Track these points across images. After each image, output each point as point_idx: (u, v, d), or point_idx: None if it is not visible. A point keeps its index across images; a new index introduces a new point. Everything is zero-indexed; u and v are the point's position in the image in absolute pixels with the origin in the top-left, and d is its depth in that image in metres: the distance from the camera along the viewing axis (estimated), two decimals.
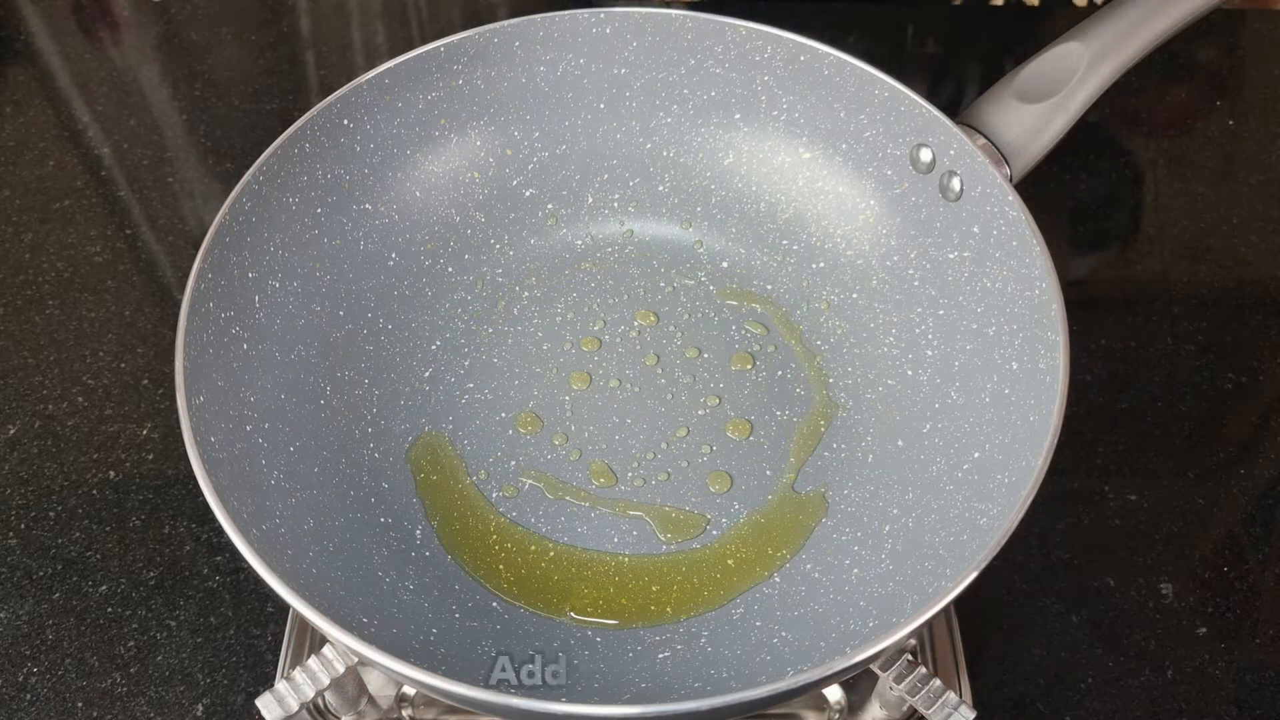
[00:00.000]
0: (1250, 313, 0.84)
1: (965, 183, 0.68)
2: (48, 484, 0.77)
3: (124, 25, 1.06)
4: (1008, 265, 0.66)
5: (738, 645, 0.63)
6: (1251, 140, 0.96)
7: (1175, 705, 0.67)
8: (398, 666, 0.51)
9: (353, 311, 0.74)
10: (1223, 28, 1.04)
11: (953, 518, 0.62)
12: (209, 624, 0.70)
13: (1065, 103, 0.67)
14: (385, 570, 0.66)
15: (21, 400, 0.81)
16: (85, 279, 0.87)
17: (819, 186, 0.78)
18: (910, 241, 0.74)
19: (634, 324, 0.78)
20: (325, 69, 1.03)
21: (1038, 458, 0.56)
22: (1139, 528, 0.74)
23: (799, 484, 0.71)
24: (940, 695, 0.56)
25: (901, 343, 0.73)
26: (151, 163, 0.95)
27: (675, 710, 0.49)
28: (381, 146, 0.74)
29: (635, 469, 0.71)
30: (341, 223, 0.73)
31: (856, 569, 0.65)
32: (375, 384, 0.74)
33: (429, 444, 0.72)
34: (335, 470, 0.68)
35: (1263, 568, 0.72)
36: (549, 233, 0.80)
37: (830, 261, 0.77)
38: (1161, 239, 0.89)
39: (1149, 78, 0.99)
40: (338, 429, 0.70)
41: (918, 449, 0.68)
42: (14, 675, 0.69)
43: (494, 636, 0.64)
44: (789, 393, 0.75)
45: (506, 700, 0.50)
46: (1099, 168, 0.94)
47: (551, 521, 0.69)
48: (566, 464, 0.71)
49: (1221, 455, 0.77)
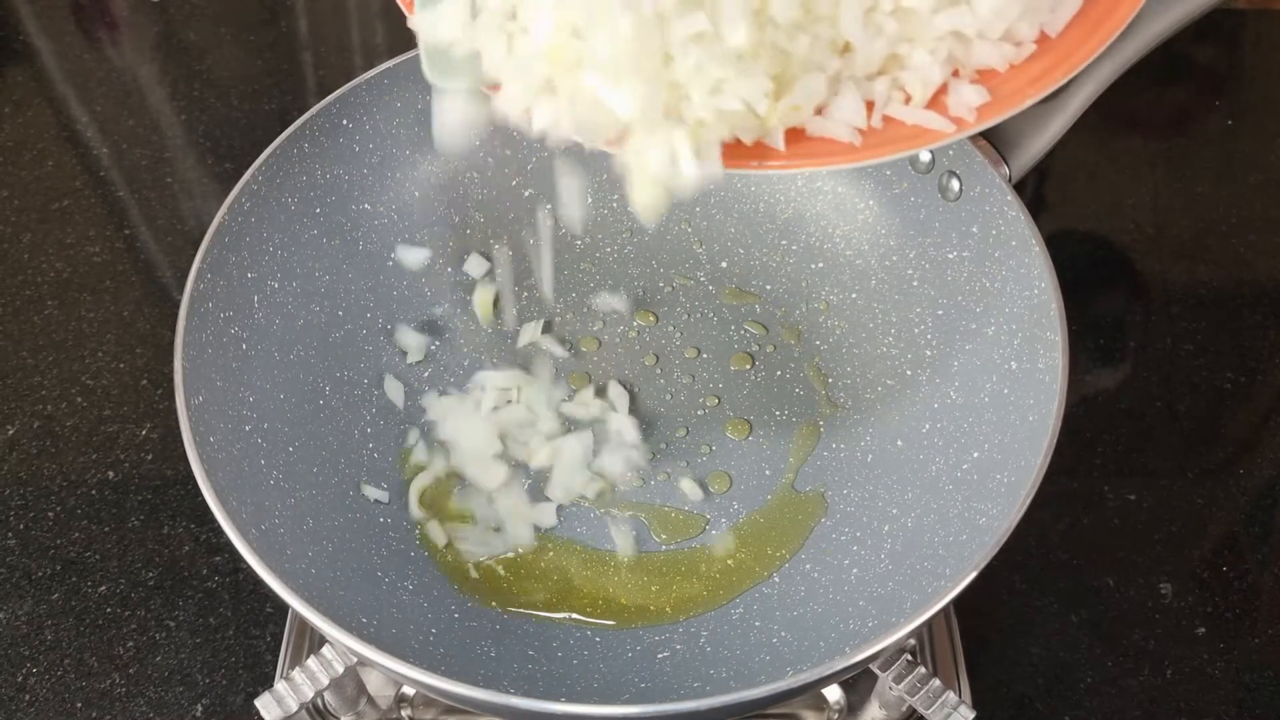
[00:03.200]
0: (1249, 313, 0.84)
1: (964, 183, 0.68)
2: (47, 484, 0.77)
3: (123, 25, 1.06)
4: (1007, 265, 0.66)
5: (737, 645, 0.63)
6: (1250, 140, 0.96)
7: (1174, 705, 0.67)
8: (397, 666, 0.51)
9: (352, 311, 0.74)
10: (1222, 28, 1.04)
11: (952, 517, 0.62)
12: (208, 624, 0.70)
13: (1064, 103, 0.67)
14: (385, 570, 0.66)
15: (20, 400, 0.80)
16: (84, 279, 0.87)
17: (818, 186, 0.78)
18: (909, 241, 0.74)
19: (634, 324, 0.78)
20: (324, 69, 1.03)
21: (1037, 457, 0.57)
22: (1138, 528, 0.74)
23: (798, 484, 0.71)
24: (940, 695, 0.56)
25: (900, 343, 0.73)
26: (150, 163, 0.95)
27: (675, 710, 0.49)
28: (381, 146, 0.74)
29: (634, 469, 0.71)
30: (341, 223, 0.73)
31: (856, 569, 0.65)
32: (375, 384, 0.73)
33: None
34: (334, 470, 0.68)
35: (1261, 568, 0.72)
36: (549, 232, 0.80)
37: (829, 261, 0.77)
38: (1161, 239, 0.89)
39: (1148, 78, 0.99)
40: (337, 429, 0.70)
41: (917, 449, 0.68)
42: (13, 675, 0.69)
43: (493, 636, 0.64)
44: (788, 393, 0.75)
45: (506, 700, 0.50)
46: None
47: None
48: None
49: (1220, 455, 0.77)
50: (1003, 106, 0.46)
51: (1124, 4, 0.48)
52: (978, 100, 0.46)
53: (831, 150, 0.46)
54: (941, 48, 0.46)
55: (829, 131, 0.46)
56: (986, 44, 0.47)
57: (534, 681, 0.61)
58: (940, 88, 0.47)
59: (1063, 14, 0.48)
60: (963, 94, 0.46)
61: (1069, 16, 0.48)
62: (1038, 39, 0.48)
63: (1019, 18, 0.46)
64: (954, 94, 0.46)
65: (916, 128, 0.46)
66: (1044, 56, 0.47)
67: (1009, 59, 0.47)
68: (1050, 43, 0.48)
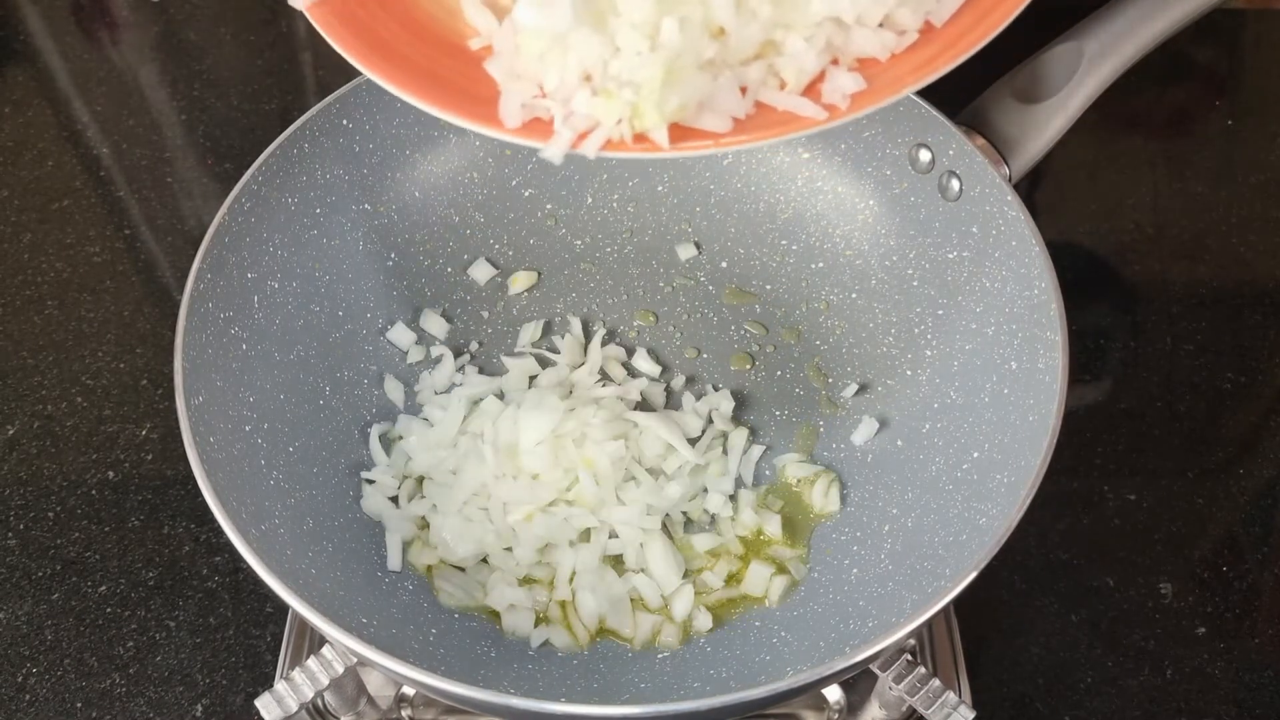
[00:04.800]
0: (1249, 313, 0.84)
1: (964, 183, 0.68)
2: (47, 484, 0.77)
3: (123, 25, 1.06)
4: (1007, 265, 0.66)
5: (737, 645, 0.63)
6: (1250, 140, 0.96)
7: (1174, 705, 0.67)
8: (397, 667, 0.51)
9: (352, 311, 0.74)
10: (1222, 28, 1.04)
11: (952, 517, 0.62)
12: (208, 624, 0.70)
13: (1064, 103, 0.67)
14: (385, 570, 0.66)
15: (21, 400, 0.80)
16: (84, 279, 0.87)
17: (818, 186, 0.78)
18: (909, 241, 0.74)
19: (634, 324, 0.78)
20: (324, 69, 1.03)
21: (1037, 457, 0.57)
22: (1138, 528, 0.74)
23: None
24: (939, 695, 0.56)
25: (900, 343, 0.73)
26: (150, 163, 0.95)
27: (675, 710, 0.49)
28: (381, 146, 0.74)
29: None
30: (341, 223, 0.73)
31: (856, 569, 0.65)
32: (375, 384, 0.73)
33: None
34: (334, 470, 0.68)
35: (1261, 568, 0.72)
36: (549, 233, 0.80)
37: (829, 261, 0.77)
38: (1161, 239, 0.89)
39: (1148, 78, 0.99)
40: (337, 429, 0.70)
41: (917, 449, 0.68)
42: (13, 675, 0.69)
43: (493, 636, 0.64)
44: (789, 393, 0.75)
45: (506, 700, 0.50)
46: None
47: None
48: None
49: (1220, 455, 0.77)
50: (880, 95, 0.45)
51: None
52: (853, 87, 0.45)
53: (700, 136, 0.45)
54: (820, 35, 0.45)
55: (704, 124, 0.45)
56: (866, 31, 0.46)
57: (534, 681, 0.61)
58: (818, 75, 0.46)
59: (949, 3, 0.47)
60: (839, 81, 0.45)
61: (955, 6, 0.47)
62: (923, 28, 0.47)
63: (898, 4, 0.45)
64: (830, 81, 0.45)
65: (787, 114, 0.45)
66: (927, 45, 0.46)
67: (890, 48, 0.46)
68: (935, 32, 0.47)
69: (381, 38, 0.49)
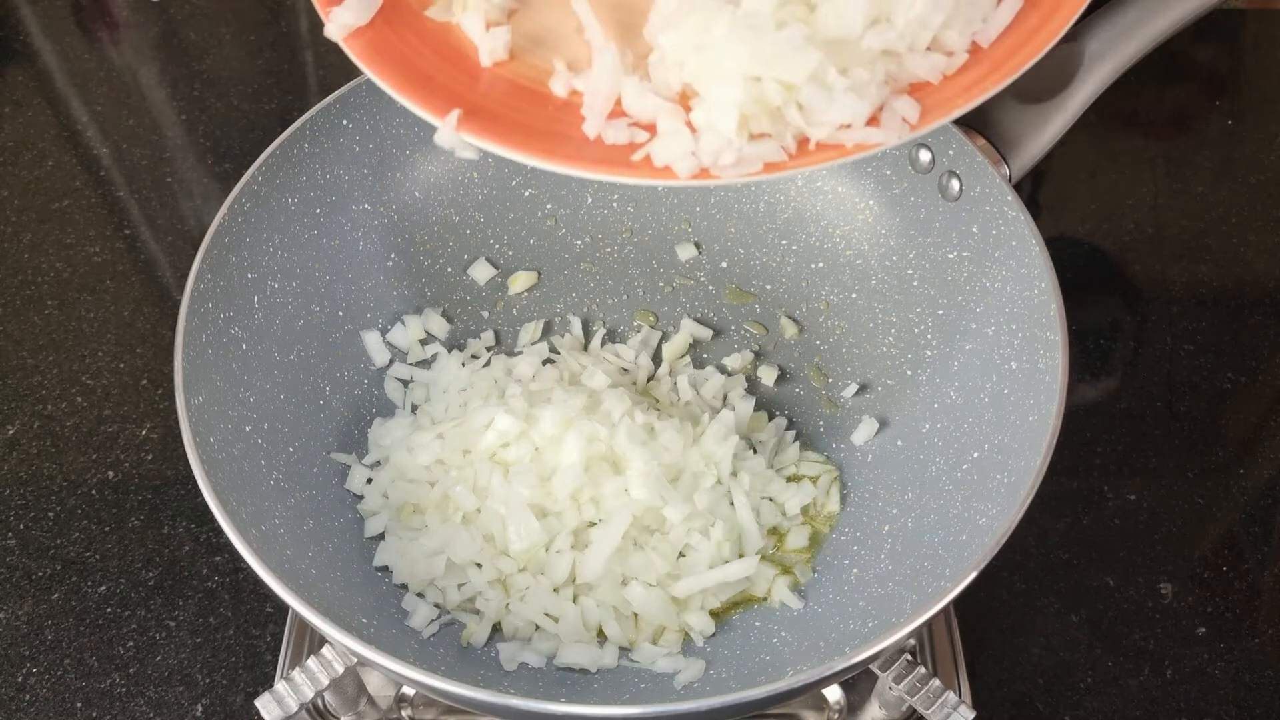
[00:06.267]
0: (1250, 313, 0.84)
1: (964, 183, 0.68)
2: (47, 484, 0.77)
3: (123, 25, 1.06)
4: (1007, 265, 0.66)
5: (737, 645, 0.64)
6: (1250, 140, 0.96)
7: (1174, 705, 0.67)
8: (397, 667, 0.51)
9: (352, 312, 0.74)
10: (1222, 28, 1.04)
11: (952, 517, 0.62)
12: (208, 624, 0.70)
13: (1064, 103, 0.67)
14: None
15: (21, 400, 0.80)
16: (84, 279, 0.87)
17: (818, 186, 0.78)
18: (909, 241, 0.74)
19: (634, 324, 0.78)
20: (324, 69, 1.03)
21: (1037, 457, 0.57)
22: (1138, 527, 0.74)
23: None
24: (939, 695, 0.56)
25: (901, 342, 0.73)
26: (150, 163, 0.95)
27: (675, 710, 0.49)
28: (381, 146, 0.74)
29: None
30: (341, 223, 0.73)
31: (856, 569, 0.65)
32: (375, 385, 0.73)
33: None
34: (335, 471, 0.68)
35: (1262, 568, 0.72)
36: (549, 233, 0.80)
37: (829, 261, 0.77)
38: (1161, 239, 0.89)
39: (1148, 78, 0.99)
40: (337, 430, 0.70)
41: (917, 449, 0.68)
42: (13, 675, 0.69)
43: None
44: (788, 392, 0.75)
45: (506, 700, 0.50)
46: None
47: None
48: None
49: (1221, 455, 0.77)
50: (931, 116, 0.46)
51: (1059, 14, 0.47)
52: (911, 112, 0.46)
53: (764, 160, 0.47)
54: (879, 67, 0.46)
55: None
56: (917, 56, 0.47)
57: (534, 681, 0.61)
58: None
59: (995, 24, 0.48)
60: (895, 106, 0.46)
61: (1002, 26, 0.48)
62: (971, 49, 0.48)
63: (944, 26, 0.46)
64: (886, 108, 0.46)
65: (846, 146, 0.47)
66: (975, 66, 0.47)
67: (941, 70, 0.47)
68: (983, 52, 0.48)
69: (422, 70, 0.49)
